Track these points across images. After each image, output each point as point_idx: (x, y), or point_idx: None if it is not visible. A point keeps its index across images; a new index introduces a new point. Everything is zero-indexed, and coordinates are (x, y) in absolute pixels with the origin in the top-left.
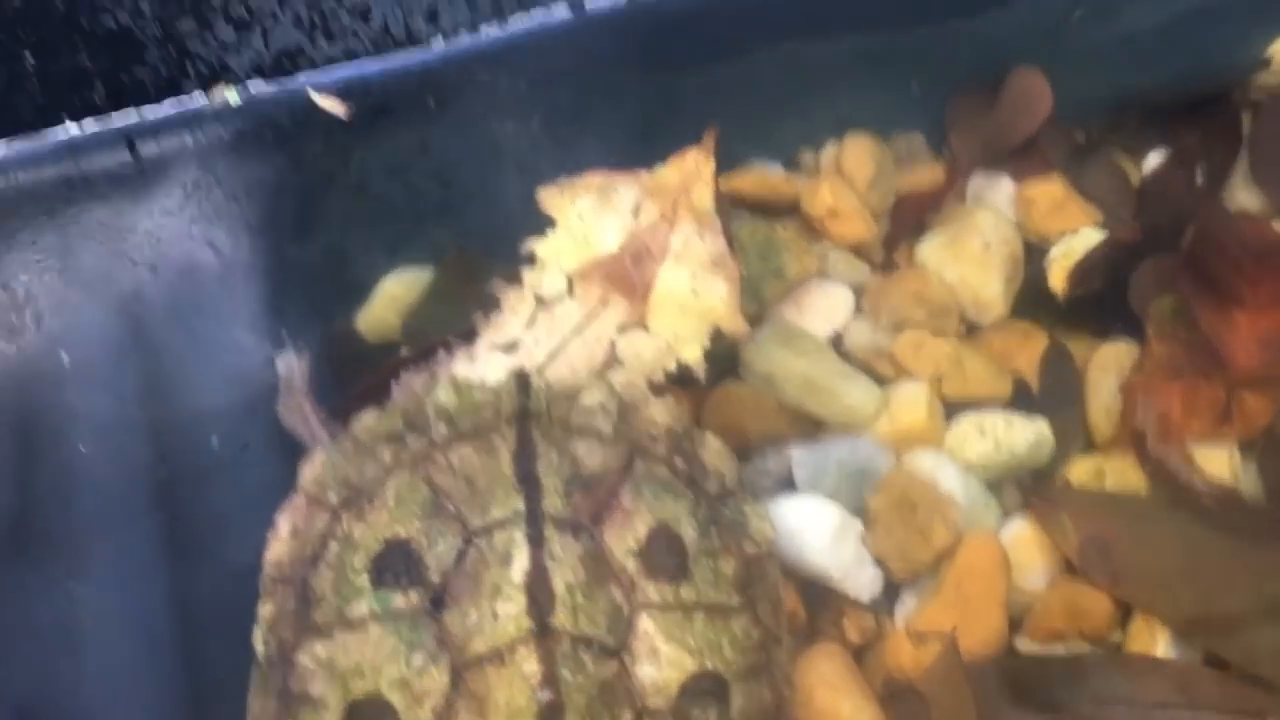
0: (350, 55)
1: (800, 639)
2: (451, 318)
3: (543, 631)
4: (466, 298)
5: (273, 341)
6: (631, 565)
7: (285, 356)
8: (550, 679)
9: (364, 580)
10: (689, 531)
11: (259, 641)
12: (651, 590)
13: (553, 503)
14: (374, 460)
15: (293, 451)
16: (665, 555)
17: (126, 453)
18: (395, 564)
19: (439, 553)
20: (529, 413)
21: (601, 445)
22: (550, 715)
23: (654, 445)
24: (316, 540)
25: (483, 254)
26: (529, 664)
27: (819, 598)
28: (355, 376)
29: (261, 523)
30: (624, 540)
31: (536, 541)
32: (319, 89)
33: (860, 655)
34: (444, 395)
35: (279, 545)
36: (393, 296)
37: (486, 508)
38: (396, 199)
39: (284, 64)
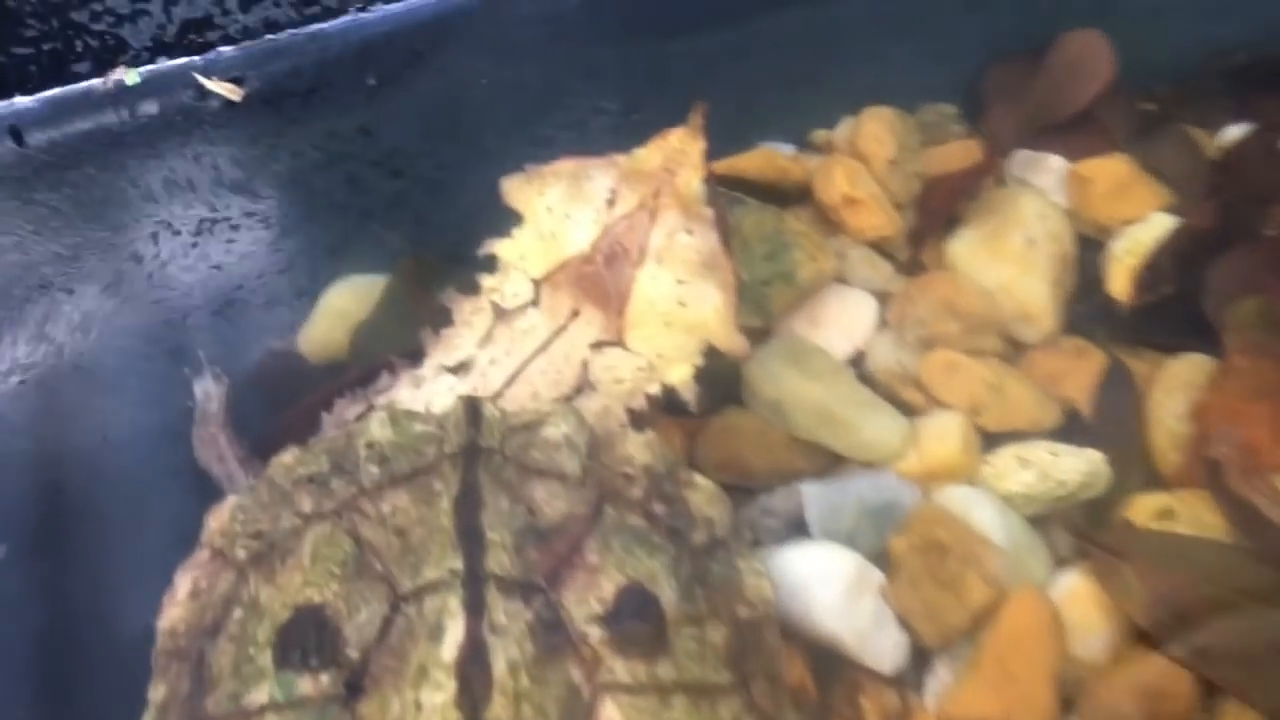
0: (271, 26)
1: (809, 717)
2: (406, 333)
3: None
4: (423, 310)
5: (192, 364)
6: (595, 635)
7: (203, 381)
8: None
9: (267, 659)
10: (668, 593)
11: None
12: (620, 667)
13: (498, 560)
14: (291, 508)
15: (207, 494)
16: (638, 622)
17: (8, 488)
18: (304, 637)
19: (360, 623)
20: (478, 449)
21: (565, 488)
22: None
23: (629, 488)
24: (219, 604)
25: (443, 258)
26: None
27: (831, 668)
28: (294, 403)
29: (165, 580)
30: (586, 603)
31: (475, 609)
32: (232, 65)
33: None
34: (378, 429)
35: (175, 609)
36: (339, 310)
37: (419, 567)
38: (338, 193)
39: (190, 38)
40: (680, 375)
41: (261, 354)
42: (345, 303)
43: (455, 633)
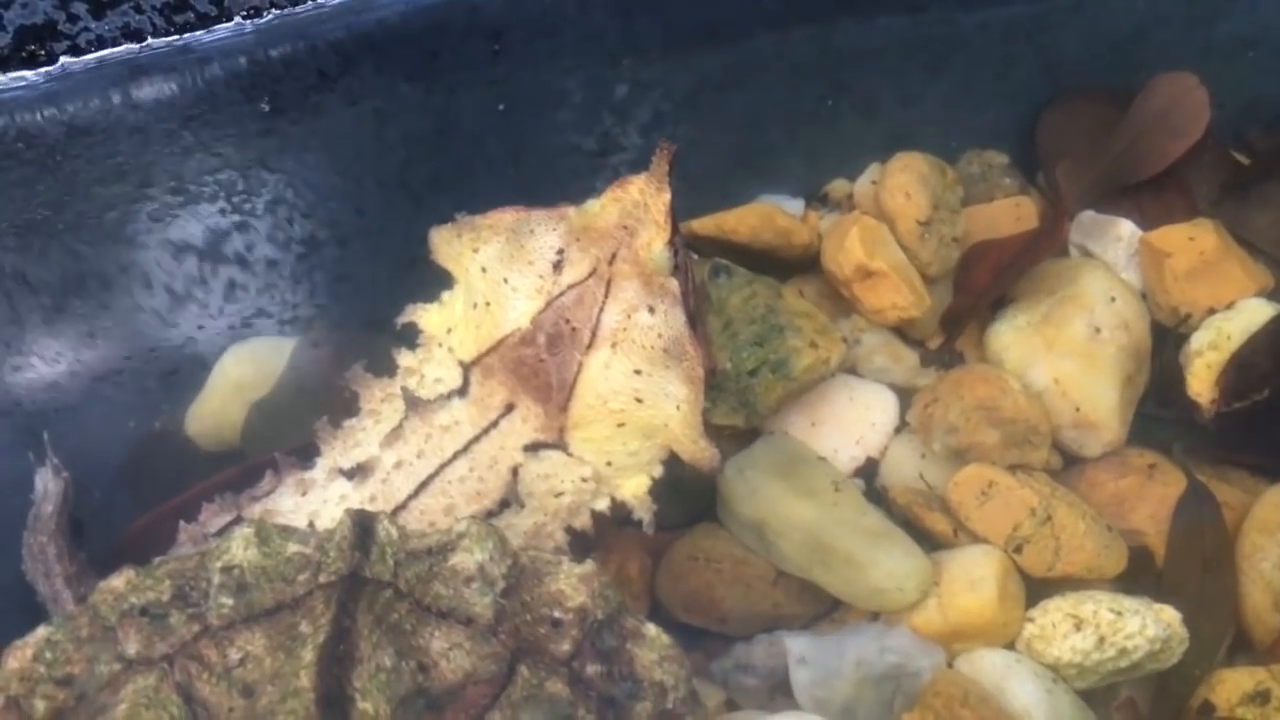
0: (132, 35)
1: None
2: (309, 417)
3: None
4: (330, 390)
5: (36, 451)
6: None
7: (43, 474)
8: None
9: None
10: None
11: None
12: None
13: None
14: (112, 649)
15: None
16: None
17: None
18: None
19: None
20: (362, 581)
21: (470, 638)
22: None
23: (555, 640)
24: None
25: (358, 323)
26: None
27: None
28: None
29: None
30: None
31: None
32: (85, 83)
33: None
34: (240, 548)
35: None
36: (235, 383)
37: None
38: (235, 240)
39: (30, 50)
40: (634, 489)
41: (139, 436)
42: (243, 373)
43: None
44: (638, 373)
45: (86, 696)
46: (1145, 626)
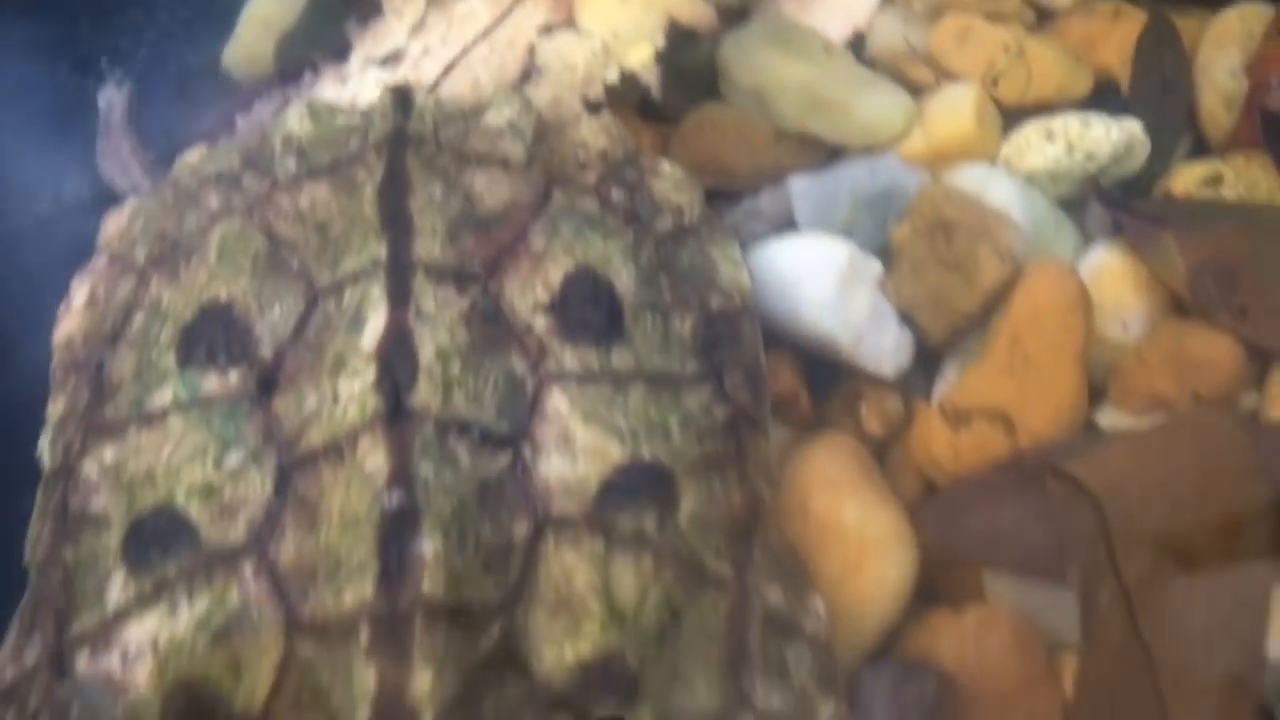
0: None
1: (803, 430)
2: (335, 36)
3: (396, 414)
4: (352, 7)
5: (94, 75)
6: (541, 325)
7: (106, 91)
8: (401, 477)
9: (170, 360)
10: (625, 278)
11: (45, 450)
12: (569, 357)
13: (428, 247)
14: (198, 208)
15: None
16: (590, 308)
17: None
18: (210, 335)
19: (273, 321)
20: (406, 137)
21: (508, 175)
22: (398, 525)
23: (581, 173)
24: (118, 311)
25: None
26: (373, 458)
27: (827, 374)
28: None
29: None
30: (531, 292)
31: (399, 296)
32: None
33: (884, 451)
34: (295, 122)
35: (71, 320)
36: (263, 19)
37: (339, 259)
38: None
39: None
40: (640, 57)
41: (182, 74)
42: (270, 10)
43: (376, 321)
44: None
45: (180, 244)
46: (1110, 133)
